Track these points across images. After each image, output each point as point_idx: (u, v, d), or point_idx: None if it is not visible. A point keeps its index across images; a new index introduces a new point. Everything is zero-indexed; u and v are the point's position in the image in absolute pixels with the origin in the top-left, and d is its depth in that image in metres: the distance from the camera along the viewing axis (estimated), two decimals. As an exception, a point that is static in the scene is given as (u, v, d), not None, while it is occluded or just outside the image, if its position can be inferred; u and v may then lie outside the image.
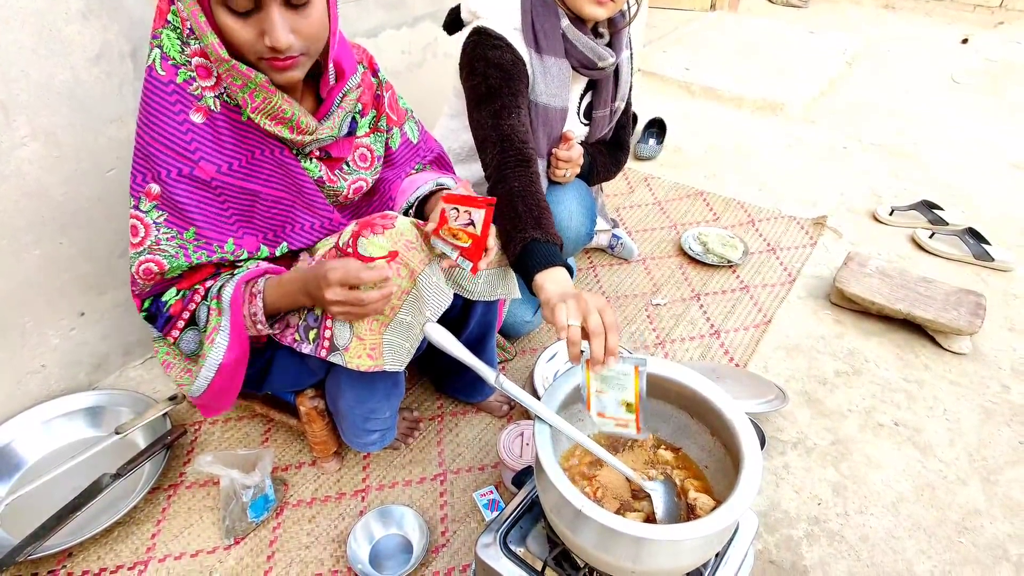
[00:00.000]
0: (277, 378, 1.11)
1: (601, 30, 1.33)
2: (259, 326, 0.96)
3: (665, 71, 3.04)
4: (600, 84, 1.39)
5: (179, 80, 0.88)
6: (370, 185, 1.06)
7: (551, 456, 0.86)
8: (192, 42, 0.87)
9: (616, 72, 1.40)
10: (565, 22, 1.24)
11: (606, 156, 1.53)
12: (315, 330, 0.97)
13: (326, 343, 0.96)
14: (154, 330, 1.03)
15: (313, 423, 1.21)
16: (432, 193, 1.13)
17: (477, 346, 1.28)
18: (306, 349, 0.98)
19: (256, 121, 0.91)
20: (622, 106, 1.48)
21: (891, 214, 2.07)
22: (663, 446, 1.03)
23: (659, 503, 0.92)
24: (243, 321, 0.95)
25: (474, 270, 0.95)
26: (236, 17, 0.83)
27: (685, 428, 1.02)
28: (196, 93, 0.88)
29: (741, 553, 0.99)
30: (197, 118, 0.89)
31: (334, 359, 0.96)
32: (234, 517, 1.17)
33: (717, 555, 0.97)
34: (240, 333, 0.96)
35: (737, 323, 1.68)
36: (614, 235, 1.90)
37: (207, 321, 0.97)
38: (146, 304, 0.98)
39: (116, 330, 1.45)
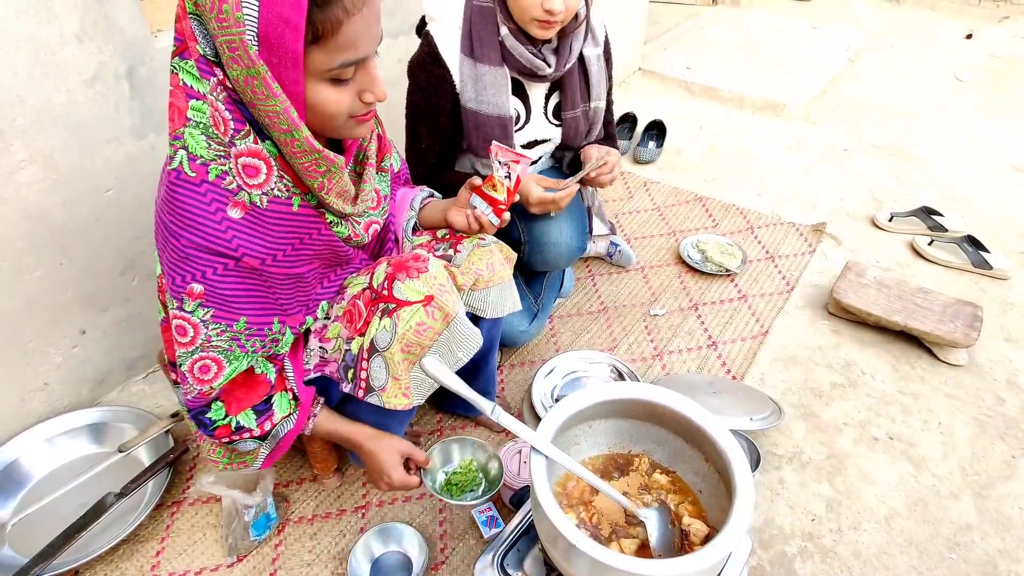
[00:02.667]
0: None
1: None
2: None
3: (666, 70, 3.02)
4: (566, 84, 1.38)
5: (211, 178, 0.82)
6: (382, 225, 1.08)
7: (546, 487, 0.87)
8: (239, 142, 0.81)
9: (585, 73, 1.39)
10: (504, 31, 1.26)
11: None
12: (352, 370, 1.00)
13: (363, 384, 0.99)
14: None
15: (313, 442, 1.23)
16: (423, 203, 1.22)
17: (480, 362, 1.30)
18: (347, 388, 1.01)
19: (328, 202, 0.90)
20: (601, 105, 1.46)
21: (890, 220, 2.07)
22: (658, 470, 1.05)
23: (653, 530, 0.93)
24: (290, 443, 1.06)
25: (500, 224, 1.10)
26: (338, 86, 0.80)
27: (680, 452, 1.04)
28: (231, 188, 0.83)
29: (735, 575, 1.01)
30: (235, 213, 0.84)
31: (372, 399, 0.99)
32: (236, 535, 1.19)
33: (710, 580, 0.99)
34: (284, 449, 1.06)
35: (735, 334, 1.69)
36: (612, 242, 1.90)
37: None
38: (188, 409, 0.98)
39: (118, 346, 1.46)
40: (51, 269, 1.28)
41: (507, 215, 1.10)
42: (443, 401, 1.46)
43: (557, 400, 1.45)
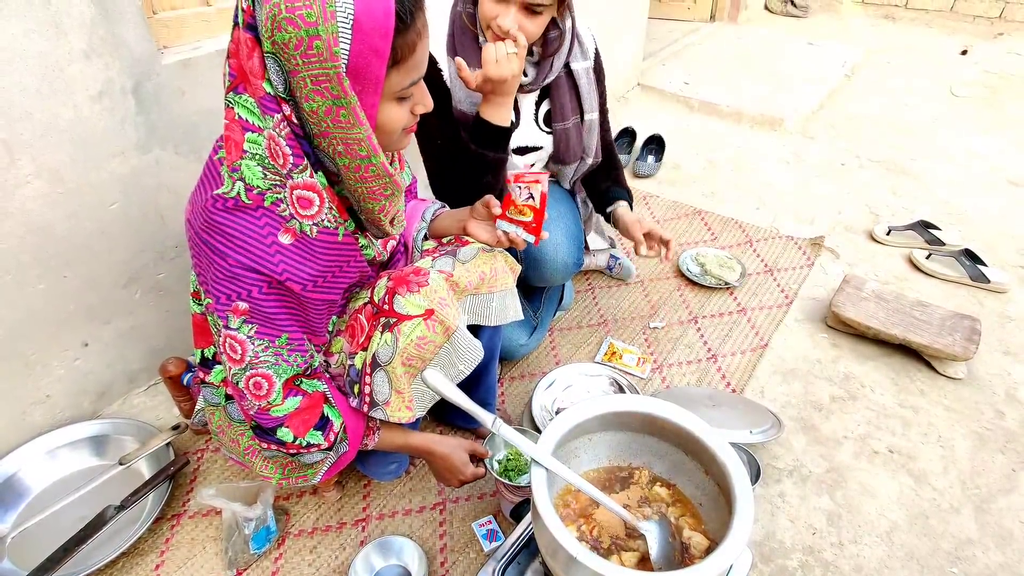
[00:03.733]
0: None
1: (535, 48, 1.33)
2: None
3: (664, 85, 3.05)
4: (554, 94, 1.40)
5: (267, 204, 0.84)
6: (397, 240, 1.10)
7: (547, 501, 0.87)
8: (297, 175, 0.83)
9: (575, 85, 1.41)
10: (483, 38, 1.28)
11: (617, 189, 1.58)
12: (357, 384, 1.01)
13: (367, 399, 1.00)
14: (234, 417, 1.09)
15: (314, 455, 1.23)
16: (435, 214, 1.22)
17: (481, 373, 1.31)
18: (354, 403, 1.02)
19: (383, 224, 0.93)
20: (594, 117, 1.46)
21: (888, 234, 2.08)
22: (658, 483, 1.05)
23: (653, 543, 0.93)
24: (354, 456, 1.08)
25: (536, 242, 1.08)
26: (401, 103, 0.85)
27: (680, 465, 1.04)
28: (284, 215, 0.85)
29: (735, 591, 1.00)
30: (286, 239, 0.86)
31: (376, 414, 1.00)
32: (236, 548, 1.19)
33: (711, 595, 0.99)
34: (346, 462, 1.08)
35: (734, 347, 1.69)
36: (612, 256, 1.91)
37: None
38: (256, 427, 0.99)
39: (120, 358, 1.47)
40: (55, 282, 1.29)
41: (545, 233, 1.08)
42: (444, 413, 1.47)
43: (557, 412, 1.45)
